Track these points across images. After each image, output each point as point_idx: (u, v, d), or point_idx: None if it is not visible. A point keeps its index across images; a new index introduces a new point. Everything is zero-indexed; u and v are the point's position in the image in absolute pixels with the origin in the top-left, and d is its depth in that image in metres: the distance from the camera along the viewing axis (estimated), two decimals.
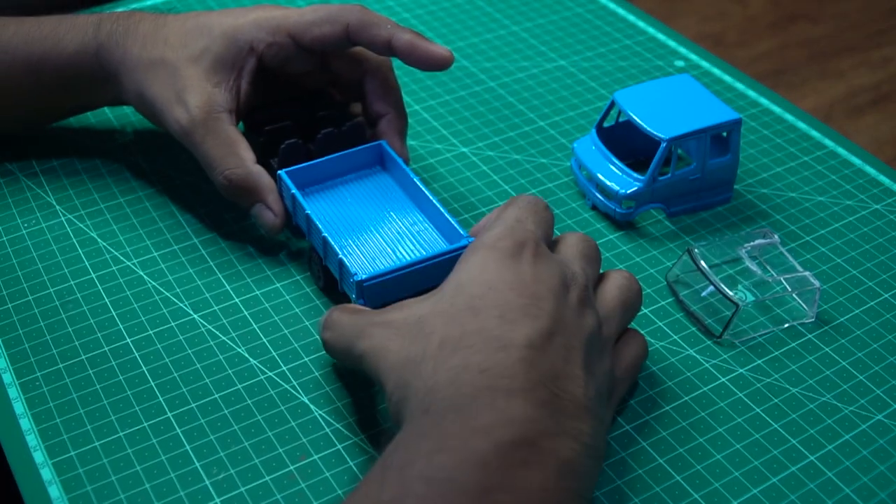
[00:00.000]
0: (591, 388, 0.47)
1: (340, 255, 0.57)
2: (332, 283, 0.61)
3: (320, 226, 0.59)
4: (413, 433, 0.44)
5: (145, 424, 0.54)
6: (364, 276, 0.55)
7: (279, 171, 0.62)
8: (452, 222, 0.59)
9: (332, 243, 0.58)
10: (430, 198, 0.61)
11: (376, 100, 0.66)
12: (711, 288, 0.60)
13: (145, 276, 0.63)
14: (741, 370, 0.58)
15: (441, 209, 0.60)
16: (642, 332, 0.60)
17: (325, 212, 0.63)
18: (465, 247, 0.56)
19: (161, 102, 0.63)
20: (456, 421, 0.43)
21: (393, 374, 0.48)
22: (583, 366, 0.47)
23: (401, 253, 0.59)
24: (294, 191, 0.61)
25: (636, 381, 0.57)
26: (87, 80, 0.67)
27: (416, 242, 0.60)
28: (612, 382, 0.51)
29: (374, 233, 0.61)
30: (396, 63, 0.67)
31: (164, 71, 0.63)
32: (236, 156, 0.62)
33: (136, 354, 0.58)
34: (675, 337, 0.60)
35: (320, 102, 0.68)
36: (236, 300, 0.62)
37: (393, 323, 0.50)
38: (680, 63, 0.84)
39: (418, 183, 0.62)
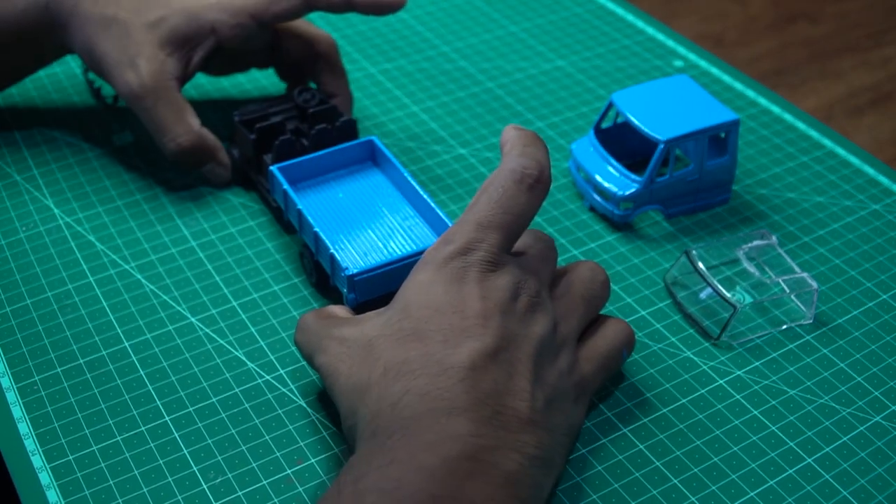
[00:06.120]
0: (538, 400, 0.47)
1: (332, 250, 0.57)
2: (324, 279, 0.61)
3: (312, 221, 0.59)
4: (364, 452, 0.46)
5: (143, 428, 0.54)
6: (355, 271, 0.56)
7: (271, 167, 0.62)
8: (443, 217, 0.59)
9: (324, 238, 0.58)
10: (421, 193, 0.61)
11: (329, 81, 0.72)
12: (709, 290, 0.60)
13: (143, 280, 0.63)
14: (739, 372, 0.58)
15: (432, 204, 0.60)
16: (640, 333, 0.60)
17: (317, 207, 0.63)
18: None
19: (111, 62, 0.66)
20: (402, 438, 0.45)
21: (344, 400, 0.49)
22: (530, 378, 0.47)
23: (392, 247, 0.60)
24: (286, 186, 0.61)
25: (619, 370, 0.56)
26: (34, 33, 0.69)
27: (407, 237, 0.60)
28: (579, 379, 0.51)
29: (366, 228, 0.61)
30: (389, 66, 0.68)
31: (117, 30, 0.66)
32: (185, 122, 0.66)
33: (134, 358, 0.58)
34: (673, 339, 0.60)
35: (310, 98, 0.68)
36: (234, 303, 0.62)
37: (347, 340, 0.51)
38: (679, 63, 0.84)
39: (409, 178, 0.62)
